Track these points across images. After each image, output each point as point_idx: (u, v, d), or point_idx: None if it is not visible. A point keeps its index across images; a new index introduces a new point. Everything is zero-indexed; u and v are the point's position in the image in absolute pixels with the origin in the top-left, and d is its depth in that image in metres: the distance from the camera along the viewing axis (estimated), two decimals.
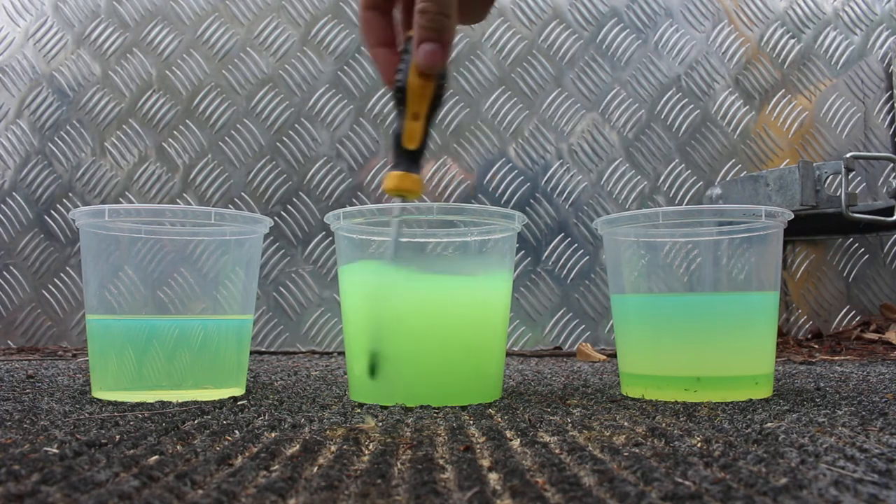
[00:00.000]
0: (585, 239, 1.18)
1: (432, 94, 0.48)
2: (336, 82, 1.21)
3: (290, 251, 1.18)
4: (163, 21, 1.22)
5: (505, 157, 1.20)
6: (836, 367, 0.82)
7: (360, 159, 1.20)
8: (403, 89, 0.48)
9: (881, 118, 1.23)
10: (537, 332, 1.17)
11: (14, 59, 1.21)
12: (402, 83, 0.48)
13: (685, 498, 0.25)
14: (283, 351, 1.15)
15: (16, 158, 1.20)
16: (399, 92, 0.48)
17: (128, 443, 0.35)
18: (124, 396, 0.52)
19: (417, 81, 0.47)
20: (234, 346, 0.56)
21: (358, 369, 0.53)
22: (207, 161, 1.19)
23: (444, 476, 0.29)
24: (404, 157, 0.48)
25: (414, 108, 0.48)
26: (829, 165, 0.97)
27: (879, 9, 1.25)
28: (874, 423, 0.41)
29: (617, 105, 1.21)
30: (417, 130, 0.48)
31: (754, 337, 0.53)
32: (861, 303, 1.20)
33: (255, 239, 0.58)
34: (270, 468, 0.30)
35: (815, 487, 0.27)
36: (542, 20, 1.23)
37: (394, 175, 0.48)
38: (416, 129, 0.48)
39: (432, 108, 0.48)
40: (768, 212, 0.52)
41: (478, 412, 0.46)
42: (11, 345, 1.16)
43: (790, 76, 1.23)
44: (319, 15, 1.22)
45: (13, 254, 1.17)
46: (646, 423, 0.41)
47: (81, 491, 0.26)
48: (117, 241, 0.55)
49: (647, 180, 1.20)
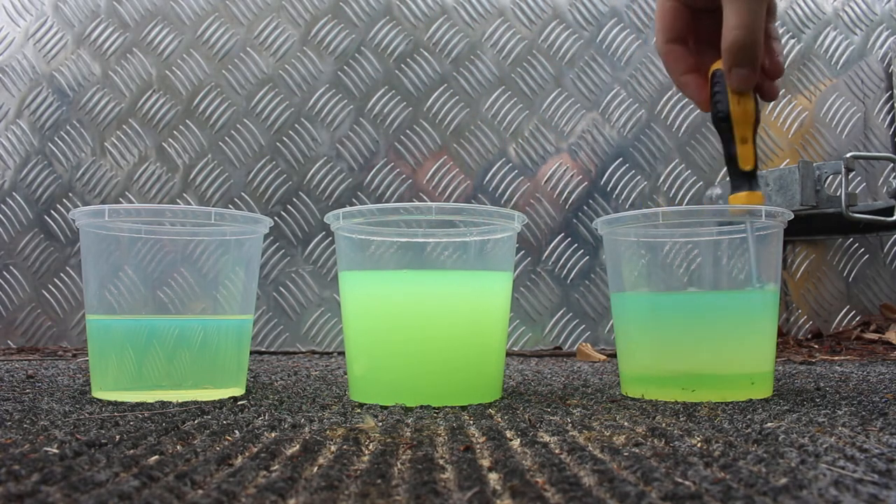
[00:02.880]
0: (585, 239, 1.18)
1: (754, 116, 0.52)
2: (336, 82, 1.21)
3: (290, 251, 1.18)
4: (163, 21, 1.22)
5: (505, 157, 1.20)
6: (836, 367, 0.82)
7: (360, 159, 1.20)
8: (727, 118, 0.52)
9: (881, 118, 1.23)
10: (537, 332, 1.17)
11: (14, 59, 1.21)
12: (724, 113, 0.53)
13: (685, 498, 0.25)
14: (283, 351, 1.15)
15: (16, 158, 1.20)
16: (723, 121, 0.53)
17: (128, 443, 0.35)
18: (124, 396, 0.52)
19: (739, 108, 0.52)
20: (234, 347, 0.56)
21: (358, 369, 0.53)
22: (207, 161, 1.19)
23: (444, 476, 0.29)
24: (744, 178, 0.53)
25: (741, 132, 0.52)
26: (829, 165, 0.97)
27: (879, 9, 1.25)
28: (874, 423, 0.41)
29: (617, 105, 1.21)
30: (749, 152, 0.53)
31: (754, 336, 0.53)
32: (861, 303, 1.20)
33: (255, 239, 0.58)
34: (270, 468, 0.30)
35: (815, 487, 0.27)
36: (542, 20, 1.23)
37: (742, 196, 0.52)
38: (747, 151, 0.53)
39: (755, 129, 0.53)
40: (768, 212, 0.52)
41: (478, 412, 0.46)
42: (11, 345, 1.16)
43: (790, 76, 1.23)
44: (319, 15, 1.22)
45: (13, 254, 1.17)
46: (646, 423, 0.41)
47: (81, 491, 0.26)
48: (117, 241, 0.55)
49: (647, 180, 1.20)
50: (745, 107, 0.52)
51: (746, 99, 0.52)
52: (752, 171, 0.53)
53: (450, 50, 1.22)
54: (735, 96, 0.52)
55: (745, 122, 0.52)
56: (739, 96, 0.52)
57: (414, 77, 1.21)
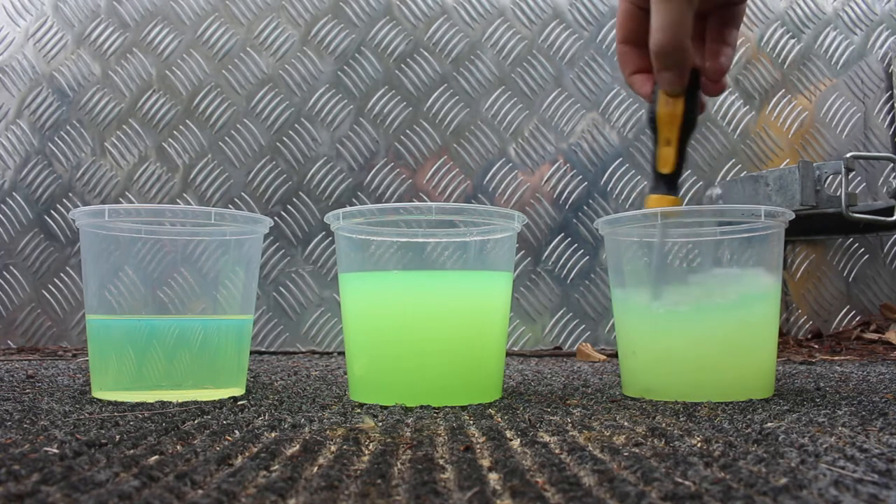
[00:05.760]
0: (585, 239, 1.18)
1: (681, 120, 0.52)
2: (336, 82, 1.21)
3: (290, 251, 1.18)
4: (163, 21, 1.22)
5: (505, 157, 1.20)
6: (836, 367, 0.82)
7: (360, 159, 1.20)
8: (654, 119, 0.53)
9: (881, 118, 1.23)
10: (537, 332, 1.17)
11: (14, 59, 1.21)
12: (653, 113, 0.53)
13: (685, 498, 0.25)
14: (283, 351, 1.15)
15: (16, 158, 1.20)
16: (651, 122, 0.53)
17: (128, 443, 0.35)
18: (124, 396, 0.52)
19: (665, 110, 0.52)
20: (234, 347, 0.56)
21: (358, 369, 0.53)
22: (207, 161, 1.19)
23: (444, 476, 0.29)
24: (661, 180, 0.53)
25: (665, 134, 0.53)
26: (829, 165, 0.97)
27: (879, 9, 1.25)
28: (874, 423, 0.41)
29: (617, 105, 1.21)
30: (670, 155, 0.52)
31: (755, 336, 0.53)
32: (861, 303, 1.19)
33: (255, 239, 0.58)
34: (270, 468, 0.30)
35: (815, 487, 0.27)
36: (542, 20, 1.23)
37: (652, 198, 0.53)
38: (668, 154, 0.52)
39: (684, 133, 0.52)
40: (768, 212, 0.52)
41: (478, 412, 0.46)
42: (11, 345, 1.16)
43: (790, 76, 1.23)
44: (319, 15, 1.22)
45: (13, 254, 1.17)
46: (646, 423, 0.41)
47: (81, 491, 0.26)
48: (117, 241, 0.55)
49: (647, 180, 1.20)
50: (673, 109, 0.52)
51: (676, 101, 0.52)
52: (672, 174, 0.52)
53: (450, 50, 1.22)
54: (664, 97, 0.52)
55: (670, 124, 0.52)
56: (668, 98, 0.52)
57: (414, 77, 1.21)
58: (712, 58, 0.54)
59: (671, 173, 0.52)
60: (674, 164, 0.52)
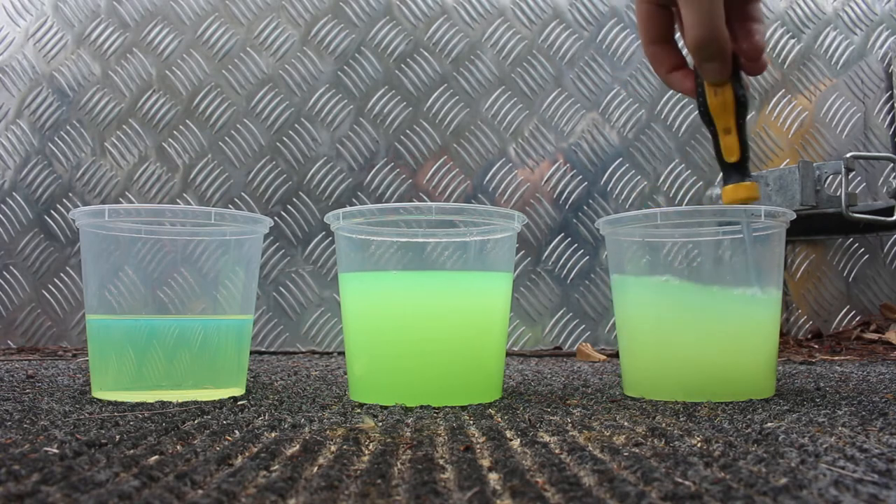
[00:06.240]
0: (585, 239, 1.18)
1: (734, 106, 0.52)
2: (336, 82, 1.21)
3: (290, 251, 1.18)
4: (163, 21, 1.22)
5: (505, 157, 1.20)
6: (836, 367, 0.82)
7: (360, 159, 1.20)
8: (707, 111, 0.52)
9: (881, 118, 1.23)
10: (537, 332, 1.17)
11: (14, 59, 1.21)
12: (704, 106, 0.52)
13: (685, 498, 0.25)
14: (283, 351, 1.15)
15: (16, 158, 1.20)
16: (705, 115, 0.52)
17: (128, 443, 0.35)
18: (124, 396, 0.52)
19: (716, 100, 0.52)
20: (234, 347, 0.56)
21: (358, 369, 0.53)
22: (207, 161, 1.19)
23: (444, 476, 0.29)
24: (731, 169, 0.52)
25: (722, 123, 0.52)
26: (829, 165, 0.97)
27: (879, 9, 1.25)
28: (874, 423, 0.41)
29: (617, 105, 1.21)
30: (734, 143, 0.52)
31: (755, 336, 0.53)
32: (861, 303, 1.19)
33: (255, 239, 0.58)
34: (270, 468, 0.30)
35: (815, 487, 0.27)
36: (542, 20, 1.23)
37: (729, 189, 0.52)
38: (731, 142, 0.52)
39: (740, 118, 0.52)
40: (768, 212, 0.52)
41: (478, 412, 0.46)
42: (11, 345, 1.16)
43: (790, 76, 1.23)
44: (319, 15, 1.22)
45: (13, 254, 1.17)
46: (646, 423, 0.41)
47: (81, 491, 0.26)
48: (117, 241, 0.55)
49: (647, 180, 1.20)
50: (723, 97, 0.52)
51: (724, 89, 0.52)
52: (740, 161, 0.52)
53: (450, 50, 1.22)
54: (712, 88, 0.52)
55: (724, 113, 0.52)
56: (717, 87, 0.52)
57: (414, 77, 1.21)
58: (747, 38, 0.53)
59: (739, 160, 0.52)
60: (738, 150, 0.52)
